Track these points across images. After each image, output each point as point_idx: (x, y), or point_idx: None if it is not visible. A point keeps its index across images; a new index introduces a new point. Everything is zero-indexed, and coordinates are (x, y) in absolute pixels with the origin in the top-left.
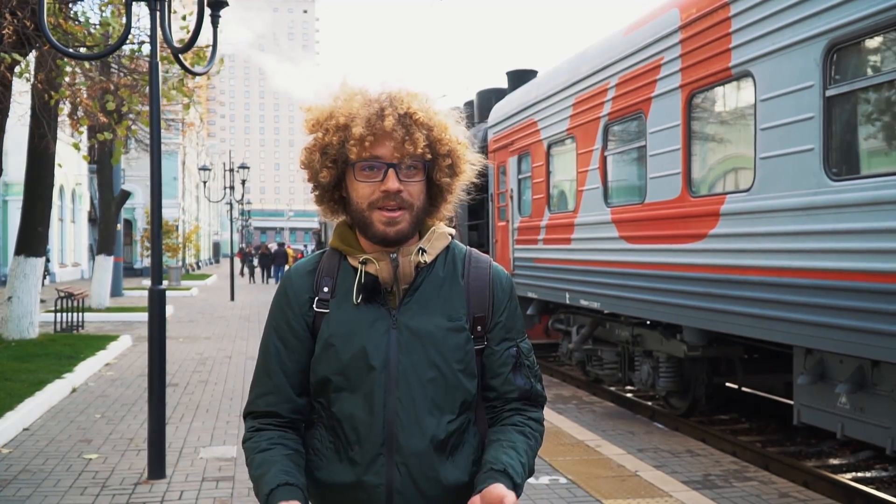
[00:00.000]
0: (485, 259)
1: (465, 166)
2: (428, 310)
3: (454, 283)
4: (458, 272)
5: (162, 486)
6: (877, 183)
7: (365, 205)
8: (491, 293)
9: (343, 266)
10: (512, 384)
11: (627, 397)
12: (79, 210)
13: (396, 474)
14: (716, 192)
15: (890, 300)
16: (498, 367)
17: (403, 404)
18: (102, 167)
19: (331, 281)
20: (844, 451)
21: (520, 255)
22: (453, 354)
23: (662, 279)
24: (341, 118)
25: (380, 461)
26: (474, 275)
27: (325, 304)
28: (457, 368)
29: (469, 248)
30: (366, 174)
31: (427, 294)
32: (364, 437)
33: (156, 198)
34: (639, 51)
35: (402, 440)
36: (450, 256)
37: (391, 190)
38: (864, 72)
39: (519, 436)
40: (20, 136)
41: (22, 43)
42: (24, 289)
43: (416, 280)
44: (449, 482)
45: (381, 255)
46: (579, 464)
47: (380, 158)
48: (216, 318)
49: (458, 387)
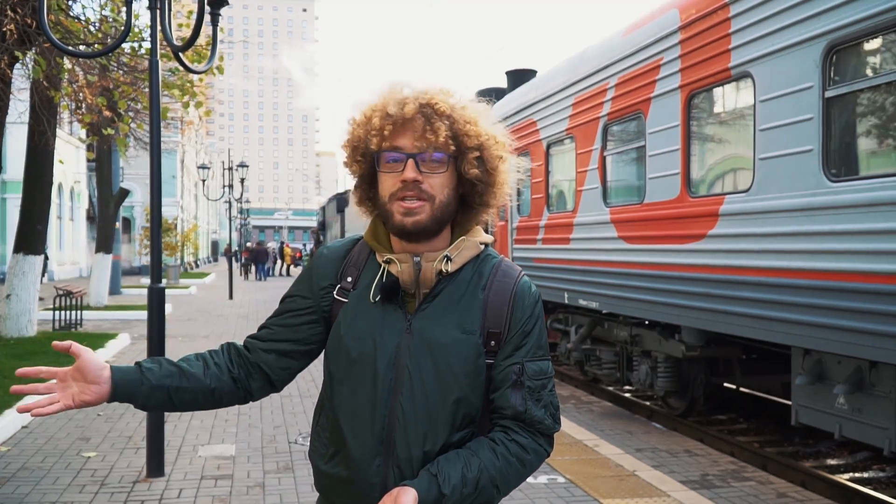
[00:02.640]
0: (513, 273)
1: (498, 162)
2: (443, 319)
3: (474, 294)
4: (481, 284)
5: (161, 484)
6: (875, 184)
7: (387, 196)
8: (510, 310)
9: (370, 261)
10: (507, 402)
11: (626, 397)
12: (77, 208)
13: (391, 475)
14: (715, 193)
15: (888, 301)
16: (499, 381)
17: (405, 409)
18: (101, 165)
19: (356, 272)
20: (842, 452)
21: (518, 255)
22: (462, 367)
23: (661, 279)
24: (367, 111)
25: (377, 461)
26: (496, 288)
27: (345, 294)
28: (463, 381)
29: (503, 258)
30: (389, 165)
31: (445, 302)
32: (362, 435)
33: (155, 196)
34: (638, 51)
35: (400, 445)
36: (478, 265)
37: (408, 179)
38: (863, 73)
39: (486, 451)
40: (19, 134)
41: (23, 40)
42: (22, 286)
43: (436, 286)
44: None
45: (405, 256)
46: (577, 463)
47: (400, 149)
48: (215, 317)
49: (463, 399)
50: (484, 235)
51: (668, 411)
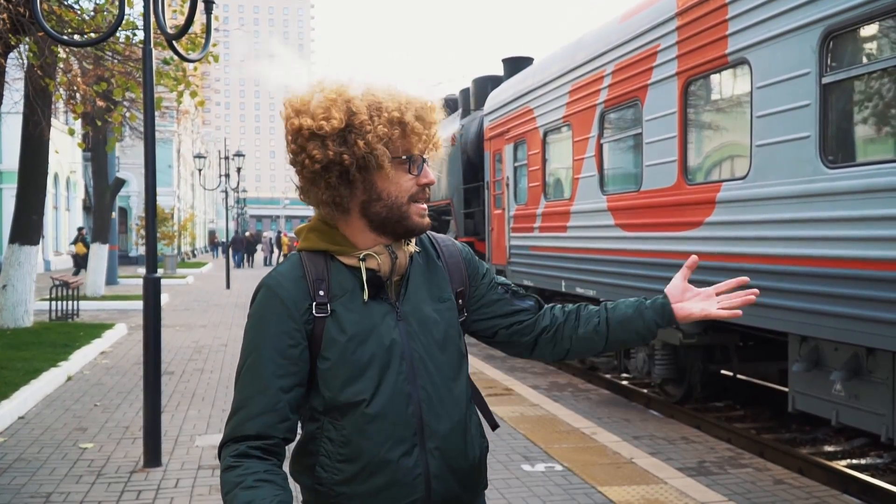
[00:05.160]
0: (447, 237)
1: None
2: (423, 296)
3: (434, 265)
4: (433, 254)
5: (158, 474)
6: (872, 170)
7: (405, 198)
8: (465, 266)
9: (334, 267)
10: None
11: (623, 385)
12: (73, 198)
13: (432, 459)
14: (712, 180)
15: (885, 288)
16: (499, 306)
17: (427, 391)
18: (97, 155)
19: (324, 284)
20: (839, 439)
21: (516, 243)
22: (454, 330)
23: (658, 267)
24: (395, 112)
25: (415, 452)
26: (447, 253)
27: (323, 309)
28: (458, 341)
29: (428, 232)
30: (406, 167)
31: (418, 282)
32: (395, 433)
33: (150, 186)
34: (635, 38)
35: (433, 425)
36: (418, 243)
37: (433, 182)
38: (860, 59)
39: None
40: (14, 124)
41: (16, 30)
42: (18, 277)
43: (406, 270)
44: (472, 456)
45: (381, 248)
46: (575, 451)
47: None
48: (212, 307)
49: (461, 359)
50: None
51: (666, 399)
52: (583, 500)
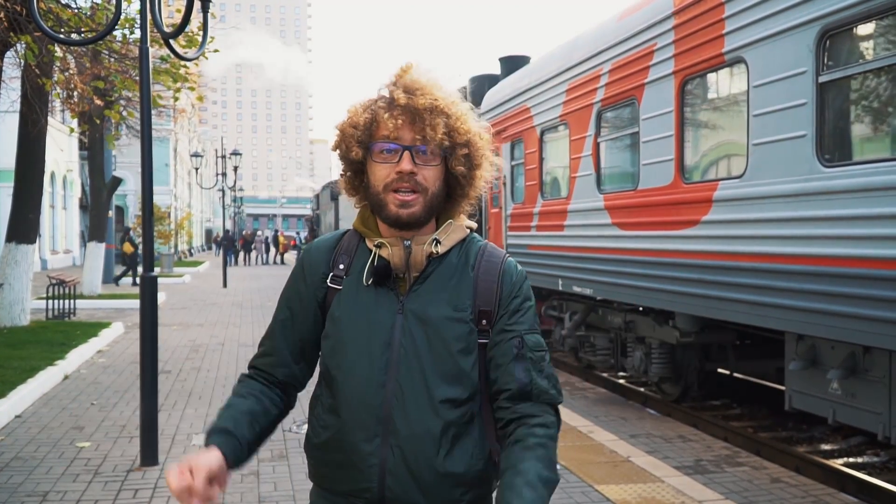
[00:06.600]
0: (499, 255)
1: (482, 160)
2: (435, 299)
3: (464, 274)
4: (469, 265)
5: (154, 472)
6: (869, 169)
7: (381, 186)
8: (499, 287)
9: (361, 247)
10: (512, 375)
11: (620, 383)
12: (70, 197)
13: (390, 455)
14: (708, 179)
15: (881, 286)
16: (500, 357)
17: (402, 388)
18: (94, 153)
19: (348, 259)
20: (836, 437)
21: (512, 242)
22: (456, 342)
23: (655, 266)
24: (368, 100)
25: (375, 441)
26: (485, 268)
27: (338, 281)
28: (458, 356)
29: (488, 242)
30: (383, 156)
31: (436, 283)
32: (360, 416)
33: (147, 184)
34: (632, 37)
35: (399, 423)
36: (464, 248)
37: (405, 171)
38: (856, 58)
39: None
40: (11, 123)
41: (13, 28)
42: (15, 276)
43: (426, 269)
44: (444, 470)
45: (395, 240)
46: (572, 449)
47: (398, 141)
48: (208, 305)
49: (460, 375)
50: (469, 221)
51: (663, 397)
52: (580, 498)
